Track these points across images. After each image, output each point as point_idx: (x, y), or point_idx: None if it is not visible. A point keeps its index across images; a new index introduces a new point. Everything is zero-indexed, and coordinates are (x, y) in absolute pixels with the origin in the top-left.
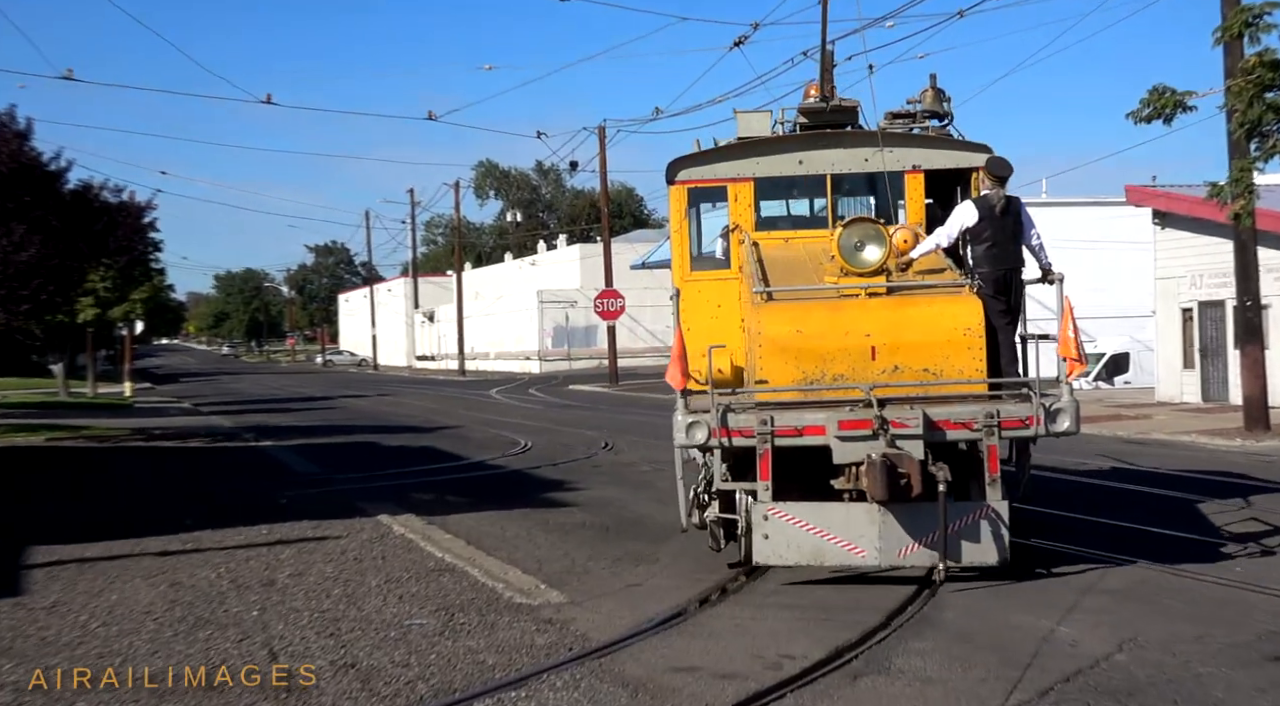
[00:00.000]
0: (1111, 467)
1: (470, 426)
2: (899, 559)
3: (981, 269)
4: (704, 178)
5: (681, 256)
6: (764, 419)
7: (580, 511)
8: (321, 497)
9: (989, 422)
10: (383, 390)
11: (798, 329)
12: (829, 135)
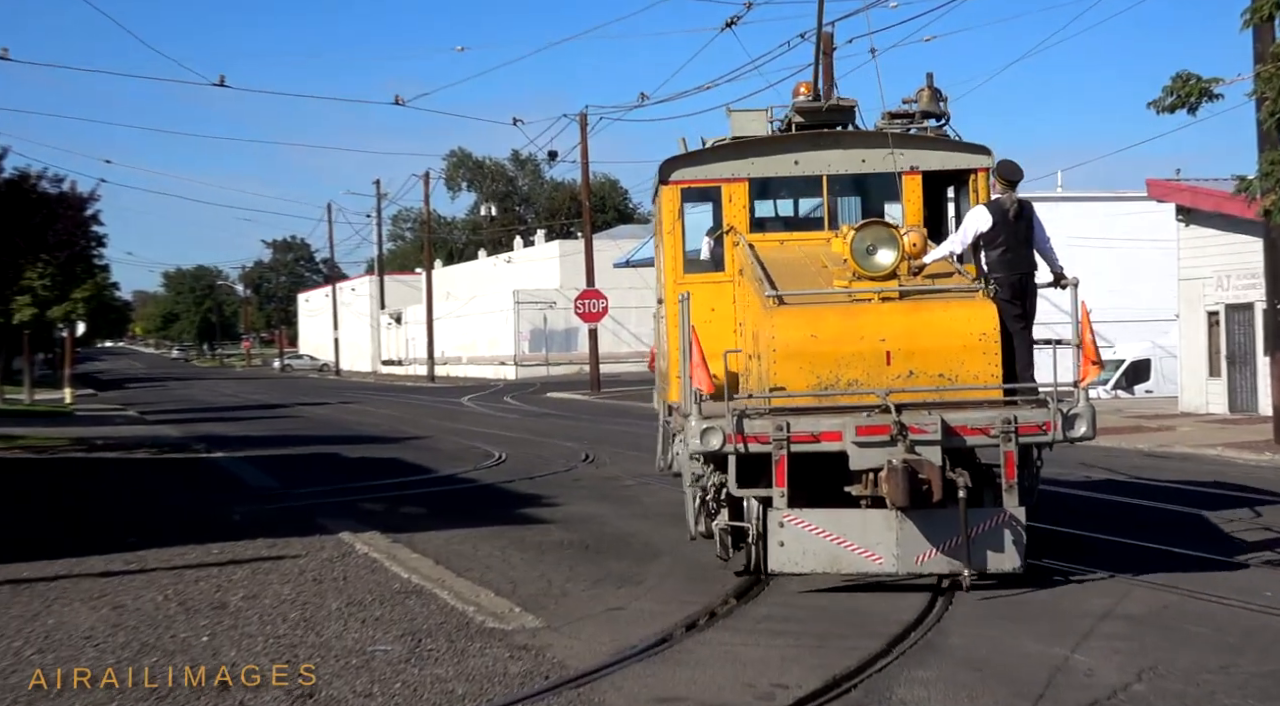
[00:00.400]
0: (1131, 482)
1: (440, 437)
2: (916, 565)
3: (996, 274)
4: (698, 178)
5: (675, 259)
6: (780, 425)
7: (558, 529)
8: (278, 513)
9: (1006, 428)
10: (345, 397)
11: (812, 334)
12: (826, 135)
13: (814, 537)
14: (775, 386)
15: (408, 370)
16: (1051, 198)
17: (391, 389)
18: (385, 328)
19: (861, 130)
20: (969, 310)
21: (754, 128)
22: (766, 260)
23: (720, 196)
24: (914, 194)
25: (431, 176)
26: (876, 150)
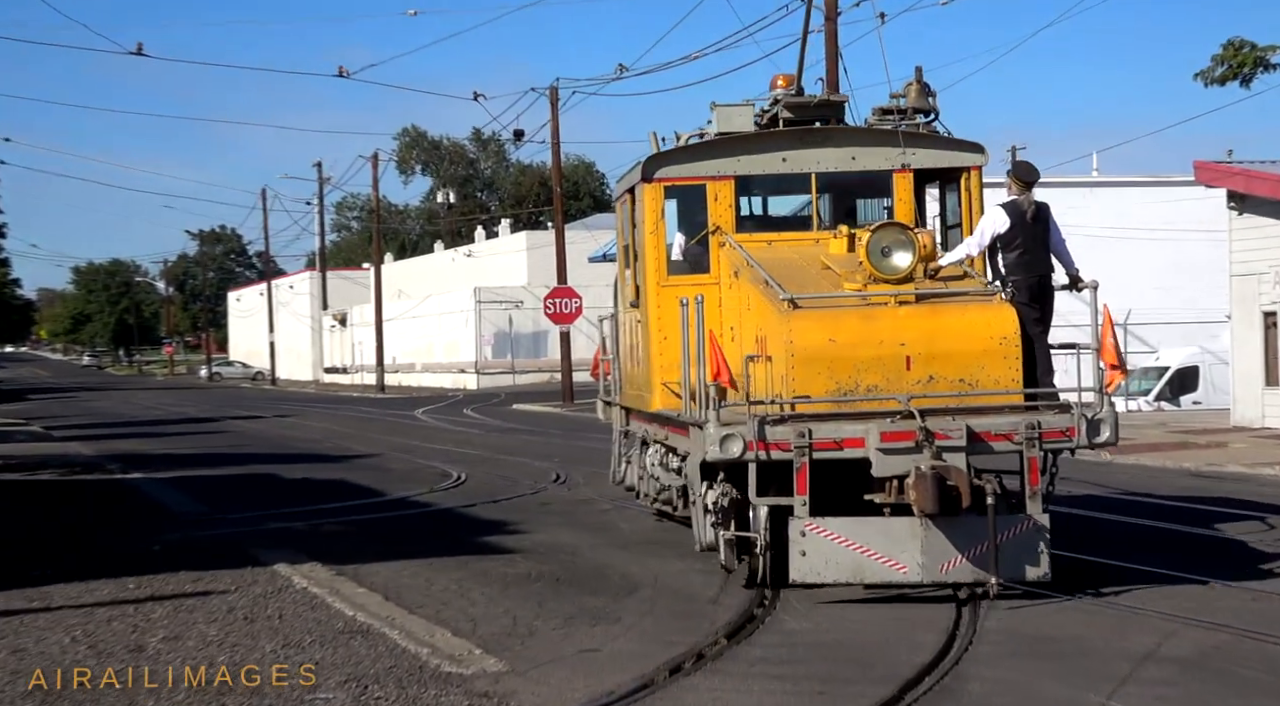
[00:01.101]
0: (1175, 506)
1: (390, 455)
2: (941, 574)
3: (1014, 276)
4: (682, 176)
5: (657, 260)
6: (802, 431)
7: (525, 559)
8: (204, 543)
9: (1031, 434)
10: (283, 410)
11: (830, 338)
12: (815, 131)
13: (837, 546)
14: (793, 392)
15: (354, 379)
16: (1086, 183)
17: (335, 400)
18: (328, 330)
19: (852, 126)
20: (989, 313)
21: (740, 123)
22: (762, 262)
23: (705, 195)
24: (905, 192)
25: (381, 158)
26: (867, 148)
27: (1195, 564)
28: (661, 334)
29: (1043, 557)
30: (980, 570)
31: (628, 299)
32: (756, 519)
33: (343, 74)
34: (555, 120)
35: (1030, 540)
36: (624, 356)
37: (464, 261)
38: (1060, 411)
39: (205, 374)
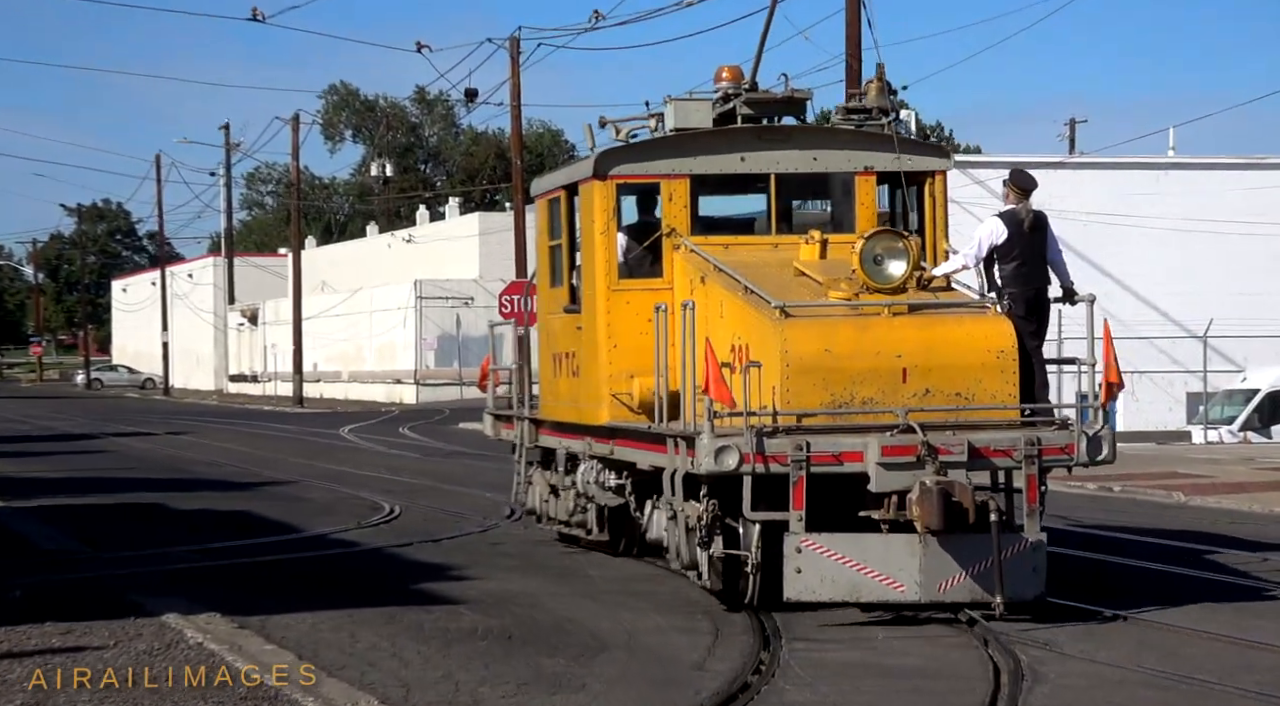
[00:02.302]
0: (1266, 559)
1: (308, 482)
2: (939, 594)
3: (1011, 288)
4: (636, 174)
5: (608, 263)
6: (800, 444)
7: (471, 611)
8: (78, 587)
9: (1030, 451)
10: (177, 426)
11: (826, 348)
12: (777, 130)
13: (834, 564)
14: (788, 403)
15: (266, 389)
16: (1159, 165)
17: (242, 414)
18: (235, 330)
19: (815, 126)
20: (986, 326)
21: (697, 118)
22: (729, 267)
23: (659, 195)
24: (868, 196)
25: (303, 121)
26: (830, 149)
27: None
28: (611, 342)
29: (1038, 577)
30: (979, 589)
31: (558, 303)
32: (748, 536)
33: (257, 18)
34: (516, 78)
35: (1028, 559)
36: (547, 366)
37: (403, 248)
38: (1059, 428)
39: (82, 380)
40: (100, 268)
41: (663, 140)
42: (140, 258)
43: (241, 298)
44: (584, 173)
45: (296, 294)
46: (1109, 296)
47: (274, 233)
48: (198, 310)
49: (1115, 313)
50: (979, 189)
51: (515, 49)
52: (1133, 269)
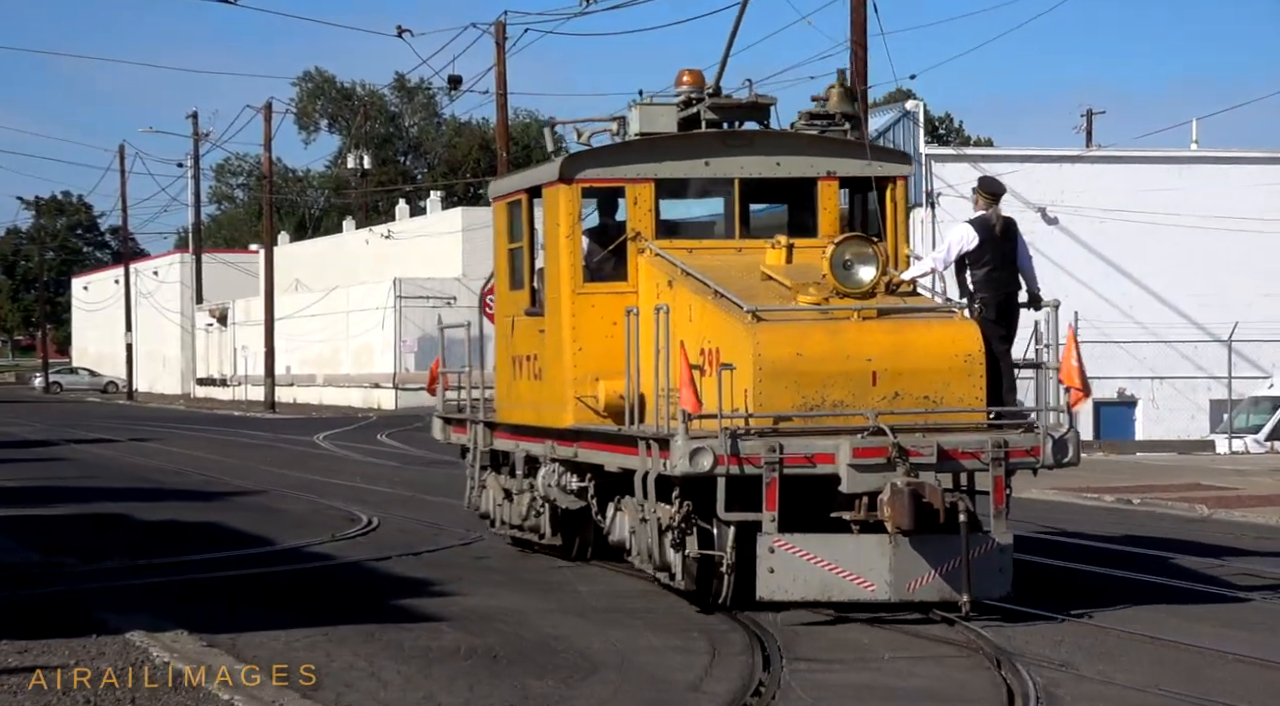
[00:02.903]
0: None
1: (281, 492)
2: (909, 593)
3: (982, 293)
4: (602, 177)
5: (573, 267)
6: (773, 446)
7: (454, 629)
8: (34, 603)
9: (997, 453)
10: (142, 432)
11: (798, 352)
12: (741, 136)
13: (806, 563)
14: (760, 406)
15: (236, 393)
16: (1181, 158)
17: (211, 420)
18: (203, 330)
19: (778, 131)
20: (954, 330)
21: (662, 123)
22: (697, 270)
23: (624, 198)
24: (830, 201)
25: (276, 110)
26: (793, 155)
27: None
28: (576, 345)
29: (1005, 576)
30: (948, 588)
31: (519, 306)
32: (723, 536)
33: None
34: (501, 65)
35: (995, 560)
36: (505, 368)
37: (381, 245)
38: (1025, 430)
39: (40, 384)
40: (60, 264)
41: (628, 144)
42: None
43: (210, 297)
44: (549, 176)
45: (268, 293)
46: (1127, 298)
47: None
48: (163, 310)
49: (1134, 315)
50: None
51: (501, 34)
52: (1153, 269)
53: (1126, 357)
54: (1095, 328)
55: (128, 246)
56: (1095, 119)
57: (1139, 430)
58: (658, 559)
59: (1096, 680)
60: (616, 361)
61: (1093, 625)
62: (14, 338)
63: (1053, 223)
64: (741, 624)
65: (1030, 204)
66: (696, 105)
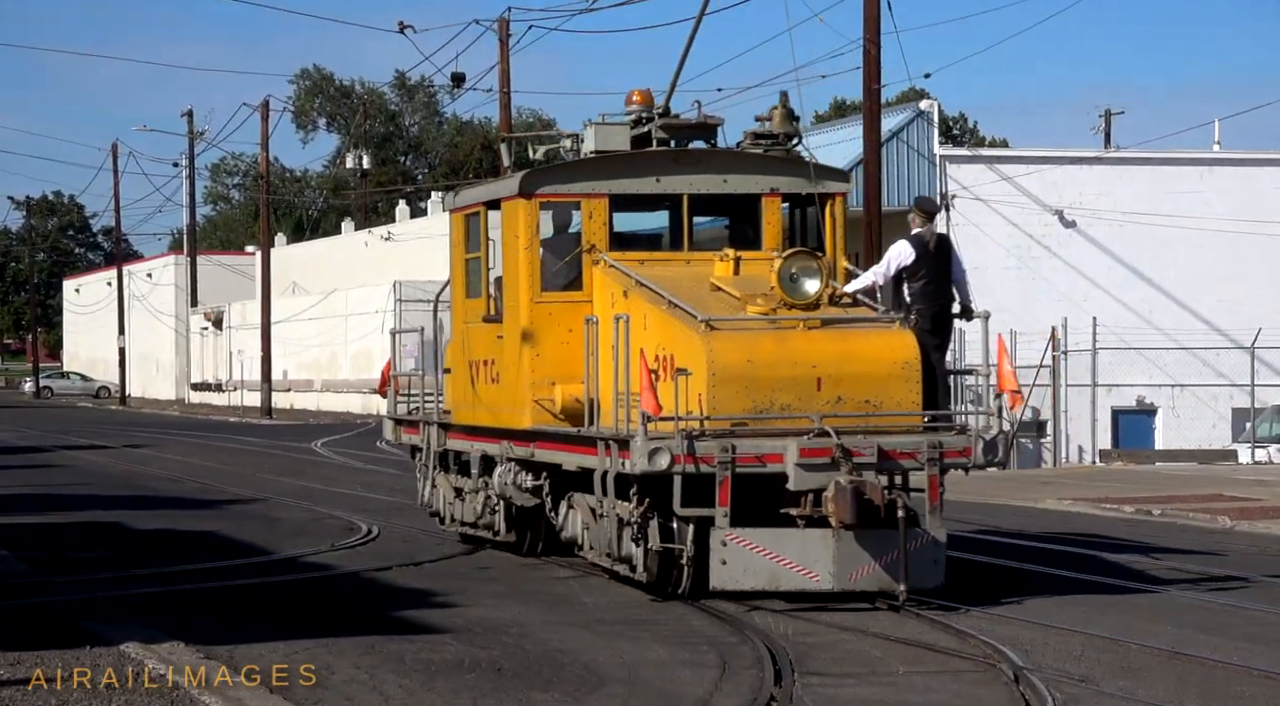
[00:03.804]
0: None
1: (279, 500)
2: (850, 583)
3: (918, 305)
4: (559, 193)
5: (531, 277)
6: (726, 446)
7: (456, 641)
8: (26, 614)
9: (933, 453)
10: (136, 438)
11: (748, 359)
12: (689, 154)
13: (755, 556)
14: (713, 409)
15: (231, 398)
16: (1203, 160)
17: (206, 426)
18: (198, 334)
19: (724, 149)
20: (892, 339)
21: (616, 142)
22: (650, 281)
23: (579, 213)
24: (774, 216)
25: (274, 108)
26: (738, 173)
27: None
28: (534, 351)
29: (939, 569)
30: (886, 579)
31: (476, 313)
32: (682, 531)
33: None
34: (505, 62)
35: (930, 553)
36: (461, 372)
37: (381, 246)
38: (958, 432)
39: (31, 388)
40: (51, 266)
41: (584, 162)
42: (95, 255)
43: (205, 299)
44: (509, 191)
45: (265, 296)
46: (1146, 303)
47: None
48: (157, 313)
49: (1154, 321)
50: (1006, 185)
51: (504, 31)
52: (1174, 273)
53: (1146, 365)
54: (1114, 334)
55: (121, 248)
56: (1114, 119)
57: (1159, 439)
58: (617, 552)
59: (1118, 696)
60: (572, 367)
61: (1112, 639)
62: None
63: (1070, 226)
64: (750, 636)
65: (1047, 206)
66: (647, 124)
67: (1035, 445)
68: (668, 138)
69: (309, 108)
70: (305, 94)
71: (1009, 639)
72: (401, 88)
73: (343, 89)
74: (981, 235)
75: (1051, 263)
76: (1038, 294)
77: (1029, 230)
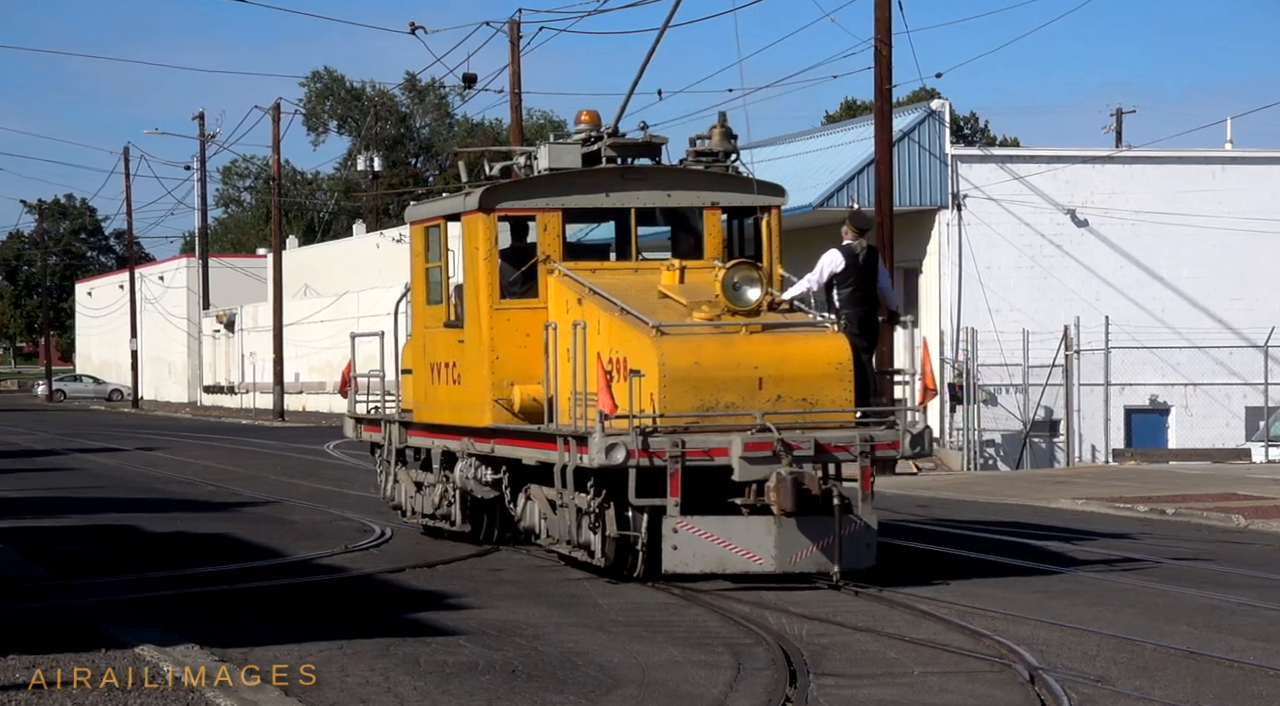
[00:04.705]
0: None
1: (292, 503)
2: (791, 565)
3: (846, 310)
4: (516, 207)
5: (490, 285)
6: (676, 441)
7: (471, 642)
8: (42, 617)
9: (865, 446)
10: (148, 440)
11: (696, 361)
12: (636, 170)
13: (704, 541)
14: (665, 408)
15: (243, 401)
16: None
17: (218, 429)
18: (210, 337)
19: (668, 166)
20: (827, 342)
21: (568, 160)
22: (602, 289)
23: (535, 226)
24: (715, 227)
25: (285, 110)
26: (680, 189)
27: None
28: (494, 354)
29: (871, 551)
30: (824, 560)
31: (438, 319)
32: (638, 520)
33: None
34: (516, 64)
35: (862, 537)
36: (422, 374)
37: (393, 248)
38: (888, 427)
39: (44, 391)
40: (63, 269)
41: (540, 179)
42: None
43: (217, 302)
44: (469, 205)
45: (277, 298)
46: (1159, 302)
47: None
48: (169, 315)
49: (1167, 320)
50: (1018, 185)
51: (515, 33)
52: (1187, 272)
53: (1159, 364)
54: (1126, 333)
55: (133, 251)
56: (1125, 118)
57: (1172, 438)
58: (575, 539)
59: (1134, 696)
60: (529, 369)
61: (1128, 639)
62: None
63: (1082, 225)
64: (765, 637)
65: (1059, 206)
66: (596, 143)
67: (1049, 444)
68: (616, 156)
69: (320, 110)
70: (316, 96)
71: (1024, 639)
72: (412, 90)
73: (353, 91)
74: (993, 234)
75: (1064, 262)
76: (1050, 293)
77: (1041, 229)
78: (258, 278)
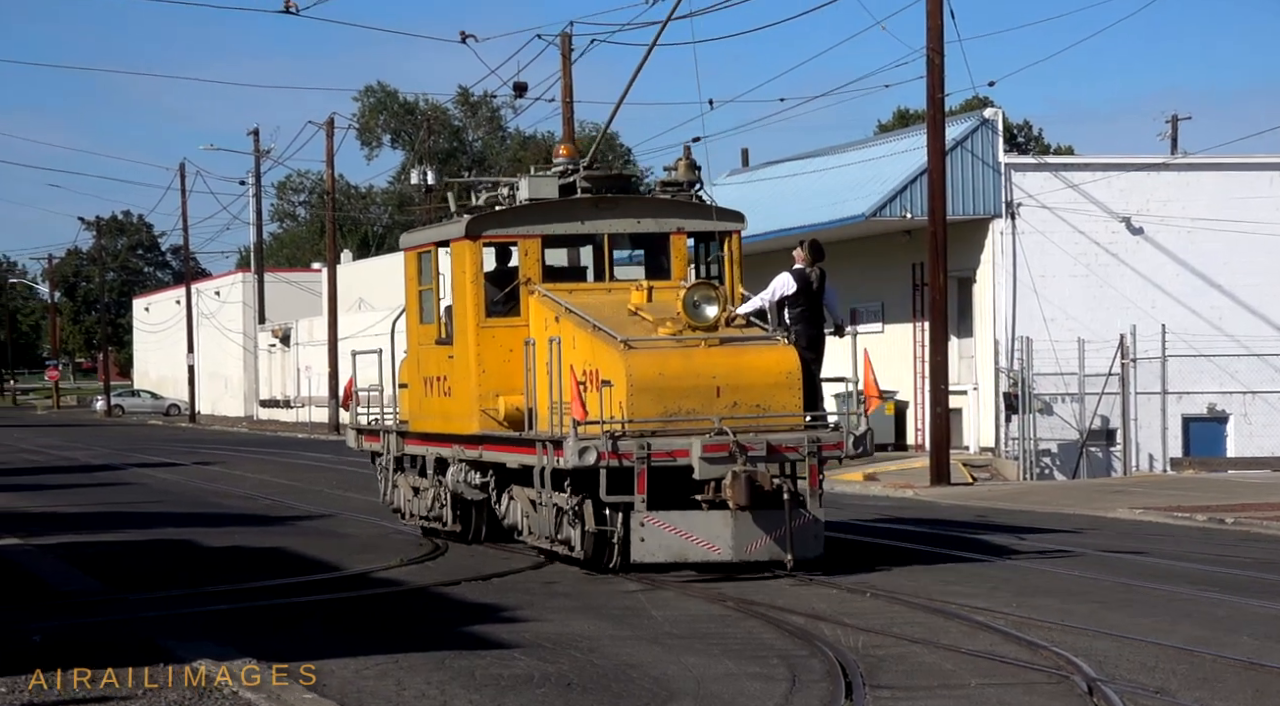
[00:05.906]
0: None
1: (348, 516)
2: (746, 554)
3: (797, 326)
4: (500, 235)
5: (477, 305)
6: (642, 444)
7: (526, 655)
8: (101, 631)
9: (812, 447)
10: (205, 455)
11: (660, 372)
12: (608, 200)
13: (667, 534)
14: (633, 414)
15: (299, 415)
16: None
17: (275, 442)
18: (266, 351)
19: (638, 196)
20: (778, 354)
21: (546, 191)
22: (577, 308)
23: (517, 251)
24: (680, 251)
25: (339, 125)
26: (649, 217)
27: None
28: (481, 368)
29: (819, 542)
30: (777, 550)
31: (430, 337)
32: (613, 516)
33: (290, 9)
34: (567, 76)
35: (811, 529)
36: (416, 387)
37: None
38: (833, 430)
39: (102, 407)
40: (121, 285)
41: (521, 209)
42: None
43: (272, 316)
44: (457, 233)
45: (332, 312)
46: (1217, 310)
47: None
48: (226, 330)
49: (1225, 328)
50: (1073, 193)
51: (566, 45)
52: (1245, 279)
53: (1217, 372)
54: (1183, 341)
55: (189, 266)
56: (1181, 125)
57: (1230, 447)
58: (555, 535)
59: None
60: (513, 381)
61: (1187, 650)
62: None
63: (1138, 233)
64: (821, 648)
65: (1114, 214)
66: (573, 175)
67: (1105, 454)
68: (590, 186)
69: (373, 124)
70: (369, 110)
71: (1082, 650)
72: (464, 103)
73: (406, 105)
74: (1048, 243)
75: (1119, 270)
76: (1105, 302)
77: (1096, 238)
78: (312, 292)
